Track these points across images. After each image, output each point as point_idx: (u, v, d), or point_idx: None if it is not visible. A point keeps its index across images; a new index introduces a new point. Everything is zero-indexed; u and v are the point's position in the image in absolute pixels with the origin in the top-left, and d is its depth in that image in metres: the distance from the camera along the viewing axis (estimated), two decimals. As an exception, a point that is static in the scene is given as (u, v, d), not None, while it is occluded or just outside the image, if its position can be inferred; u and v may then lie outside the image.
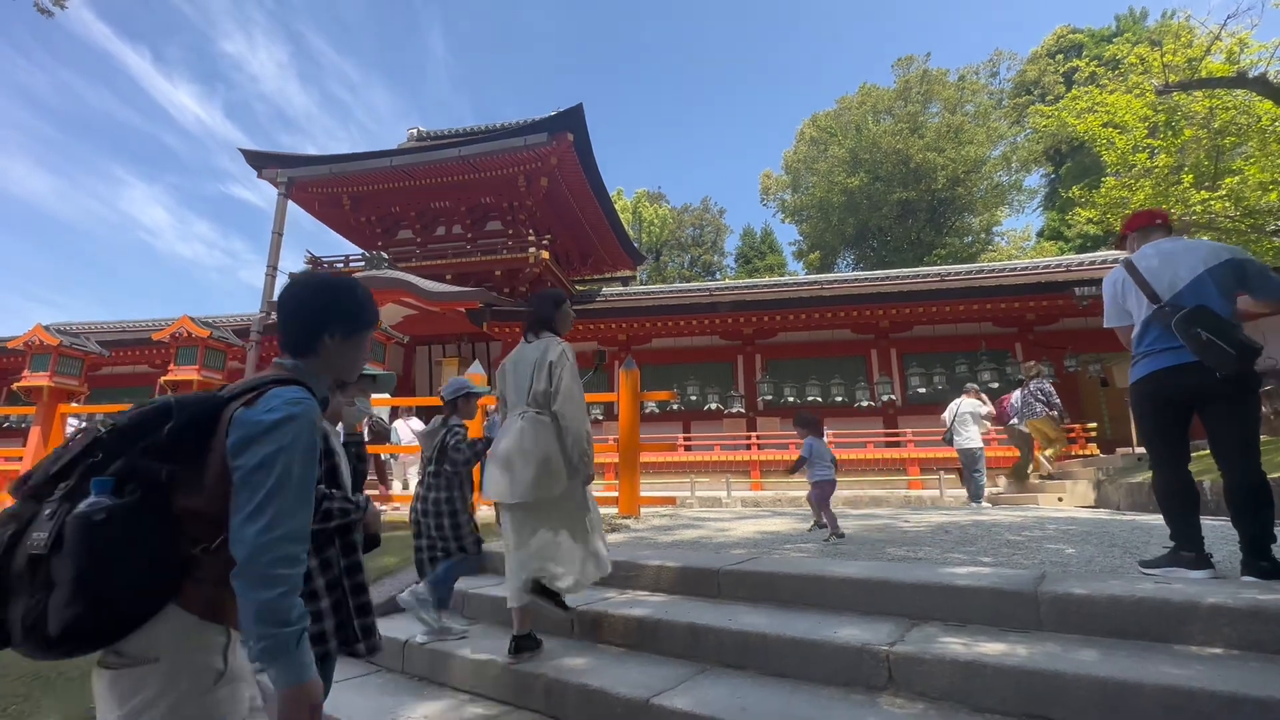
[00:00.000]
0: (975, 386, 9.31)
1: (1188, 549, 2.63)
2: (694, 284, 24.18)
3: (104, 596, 0.99)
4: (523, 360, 2.72)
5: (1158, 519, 5.22)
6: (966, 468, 8.92)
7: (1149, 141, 8.88)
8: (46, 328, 7.04)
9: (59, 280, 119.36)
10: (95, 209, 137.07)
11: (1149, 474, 7.31)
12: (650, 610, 2.73)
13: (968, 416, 8.72)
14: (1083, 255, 17.21)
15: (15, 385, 7.11)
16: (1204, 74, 8.21)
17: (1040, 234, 34.53)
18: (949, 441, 9.00)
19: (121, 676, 1.04)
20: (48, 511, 1.03)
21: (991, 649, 2.01)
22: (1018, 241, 34.29)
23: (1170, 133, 8.50)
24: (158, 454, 1.07)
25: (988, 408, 8.87)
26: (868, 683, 2.06)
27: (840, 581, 2.61)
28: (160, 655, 1.04)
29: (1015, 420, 8.77)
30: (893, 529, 4.85)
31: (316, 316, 1.33)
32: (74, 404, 7.57)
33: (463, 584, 3.61)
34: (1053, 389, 8.60)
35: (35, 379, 6.89)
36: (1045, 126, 13.42)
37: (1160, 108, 8.62)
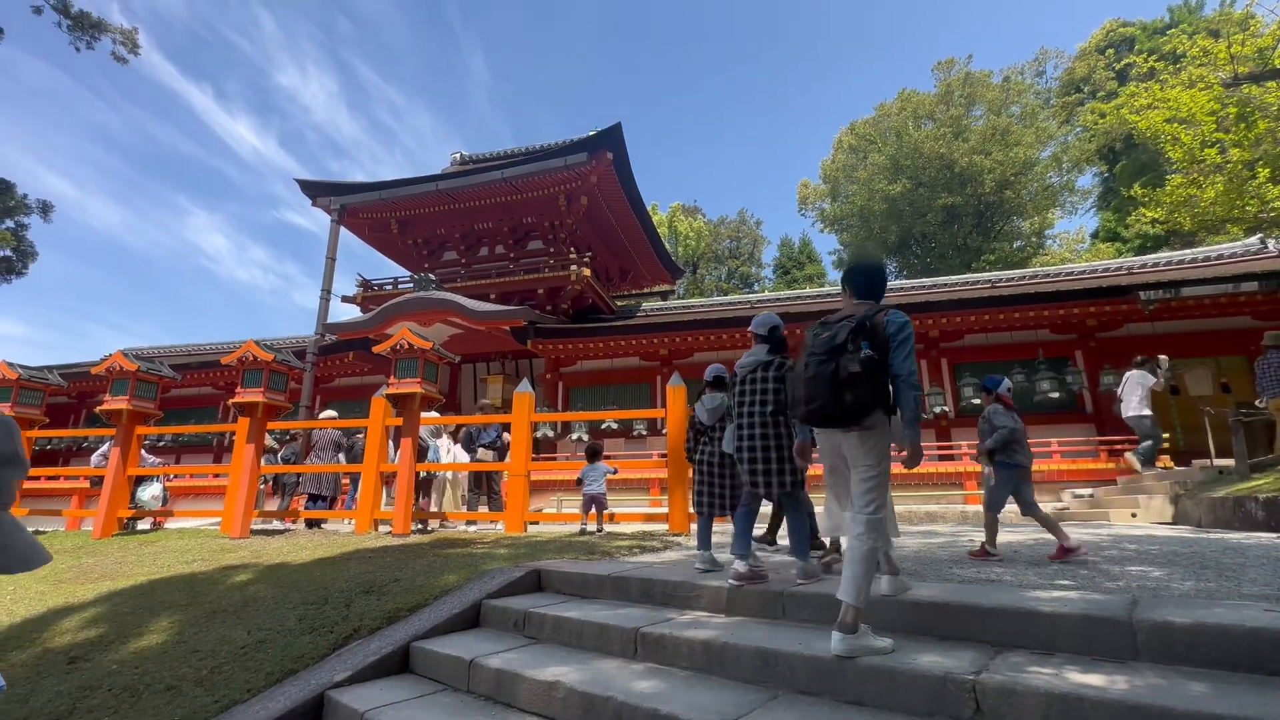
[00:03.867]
0: (1141, 358, 9.07)
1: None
2: (734, 297, 24.06)
3: (875, 389, 2.38)
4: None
5: (1249, 538, 4.90)
6: (1142, 437, 8.73)
7: (1218, 136, 8.41)
8: (125, 354, 7.45)
9: (129, 306, 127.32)
10: (161, 239, 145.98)
11: (1233, 487, 6.86)
12: (715, 632, 2.68)
13: (1137, 386, 8.59)
14: (1145, 256, 16.41)
15: (97, 408, 7.53)
16: (1276, 64, 7.78)
17: (1094, 235, 33.12)
18: (1118, 413, 8.94)
19: (865, 435, 2.44)
20: (848, 356, 2.37)
21: (1087, 680, 1.90)
22: (1071, 244, 32.98)
23: (1244, 126, 8.03)
24: (866, 335, 2.41)
25: (1154, 379, 8.67)
26: (953, 713, 1.97)
27: (916, 605, 2.52)
28: (876, 426, 2.44)
29: (1263, 397, 7.87)
30: (956, 547, 4.67)
31: (881, 277, 2.73)
32: (150, 425, 7.99)
33: (523, 602, 3.64)
34: None
35: (116, 402, 7.29)
36: (1102, 124, 12.88)
37: (1229, 101, 8.18)
